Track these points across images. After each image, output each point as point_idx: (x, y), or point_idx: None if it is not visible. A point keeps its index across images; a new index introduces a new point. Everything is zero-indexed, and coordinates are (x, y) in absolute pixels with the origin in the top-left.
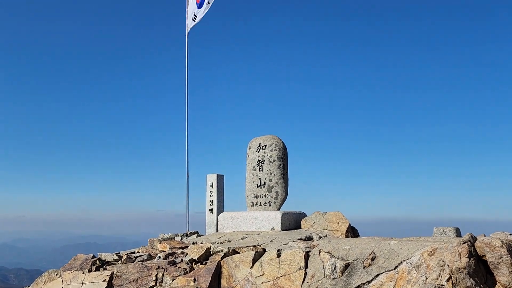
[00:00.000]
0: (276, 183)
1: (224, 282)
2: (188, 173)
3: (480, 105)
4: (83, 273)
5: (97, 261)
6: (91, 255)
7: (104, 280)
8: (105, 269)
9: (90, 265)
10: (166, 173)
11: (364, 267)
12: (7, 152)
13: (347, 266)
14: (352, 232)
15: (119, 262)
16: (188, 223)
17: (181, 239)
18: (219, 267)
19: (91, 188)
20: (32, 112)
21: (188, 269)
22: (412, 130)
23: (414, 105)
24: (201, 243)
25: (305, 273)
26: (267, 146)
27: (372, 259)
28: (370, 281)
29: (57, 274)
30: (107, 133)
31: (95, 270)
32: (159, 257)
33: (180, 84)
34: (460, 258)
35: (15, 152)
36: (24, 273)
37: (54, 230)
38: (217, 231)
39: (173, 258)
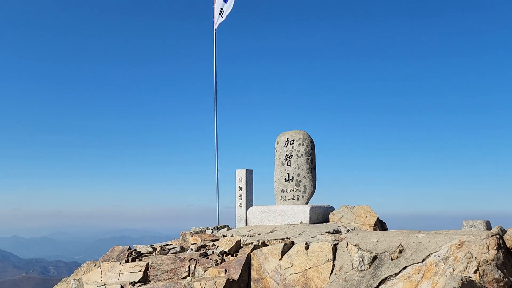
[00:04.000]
0: (304, 177)
1: (254, 273)
2: (217, 168)
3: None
4: (120, 263)
5: (133, 253)
6: (127, 247)
7: (140, 271)
8: (140, 260)
9: (126, 256)
10: (197, 169)
11: (392, 259)
12: (43, 149)
13: (374, 258)
14: (380, 225)
15: (154, 254)
16: (218, 217)
17: (212, 232)
18: (249, 259)
19: (124, 183)
20: (68, 109)
21: (219, 261)
22: (440, 124)
23: (446, 98)
24: (232, 236)
25: (333, 265)
26: (294, 141)
27: (400, 252)
28: (398, 273)
29: (95, 265)
30: (138, 129)
31: (131, 261)
32: (191, 249)
33: (208, 80)
34: (488, 250)
35: (50, 149)
36: (63, 265)
37: (90, 224)
38: (246, 224)
39: (204, 250)
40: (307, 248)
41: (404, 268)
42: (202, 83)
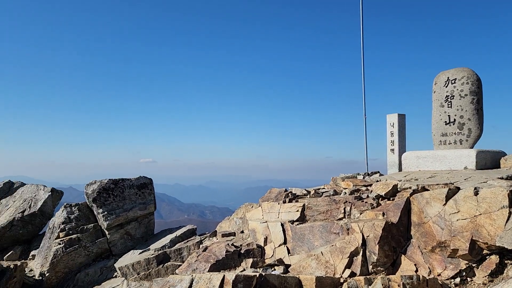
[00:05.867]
0: (469, 119)
1: (414, 218)
2: (365, 115)
3: None
4: (278, 203)
5: (289, 194)
6: (283, 189)
7: (297, 211)
8: (297, 201)
9: (283, 197)
10: (337, 119)
11: None
12: (198, 105)
13: None
14: None
15: (308, 196)
16: (367, 164)
17: (363, 177)
18: (408, 203)
19: (266, 135)
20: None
21: (375, 204)
22: None
23: None
24: (386, 181)
25: (510, 212)
26: (456, 80)
27: None
28: None
29: (252, 206)
30: (274, 84)
31: (288, 202)
32: (345, 193)
33: (355, 20)
34: None
35: (204, 105)
36: (217, 210)
37: (237, 174)
38: (399, 170)
39: (359, 194)
40: (476, 193)
41: None
42: (347, 21)
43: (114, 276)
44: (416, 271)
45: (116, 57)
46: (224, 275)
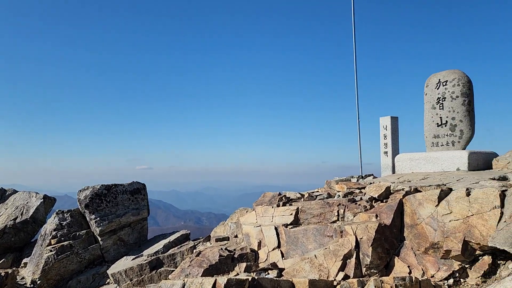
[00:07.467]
0: (460, 121)
1: (407, 219)
2: (358, 118)
3: None
4: (272, 207)
5: (283, 198)
6: (277, 193)
7: (291, 214)
8: (290, 204)
9: (277, 201)
10: (331, 123)
11: None
12: (191, 113)
13: None
14: None
15: (302, 199)
16: (361, 167)
17: (357, 180)
18: (401, 204)
19: (261, 142)
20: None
21: (368, 207)
22: None
23: None
24: (379, 183)
25: (501, 213)
26: (448, 82)
27: None
28: None
29: (246, 211)
30: (271, 88)
31: (282, 205)
32: (338, 195)
33: (347, 23)
34: None
35: (197, 113)
36: (213, 216)
37: (233, 180)
38: (393, 173)
39: (352, 197)
40: (468, 194)
41: None
42: (338, 26)
43: (106, 282)
44: (410, 272)
45: (115, 59)
46: (216, 279)
